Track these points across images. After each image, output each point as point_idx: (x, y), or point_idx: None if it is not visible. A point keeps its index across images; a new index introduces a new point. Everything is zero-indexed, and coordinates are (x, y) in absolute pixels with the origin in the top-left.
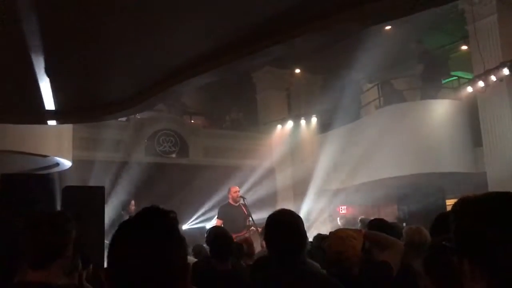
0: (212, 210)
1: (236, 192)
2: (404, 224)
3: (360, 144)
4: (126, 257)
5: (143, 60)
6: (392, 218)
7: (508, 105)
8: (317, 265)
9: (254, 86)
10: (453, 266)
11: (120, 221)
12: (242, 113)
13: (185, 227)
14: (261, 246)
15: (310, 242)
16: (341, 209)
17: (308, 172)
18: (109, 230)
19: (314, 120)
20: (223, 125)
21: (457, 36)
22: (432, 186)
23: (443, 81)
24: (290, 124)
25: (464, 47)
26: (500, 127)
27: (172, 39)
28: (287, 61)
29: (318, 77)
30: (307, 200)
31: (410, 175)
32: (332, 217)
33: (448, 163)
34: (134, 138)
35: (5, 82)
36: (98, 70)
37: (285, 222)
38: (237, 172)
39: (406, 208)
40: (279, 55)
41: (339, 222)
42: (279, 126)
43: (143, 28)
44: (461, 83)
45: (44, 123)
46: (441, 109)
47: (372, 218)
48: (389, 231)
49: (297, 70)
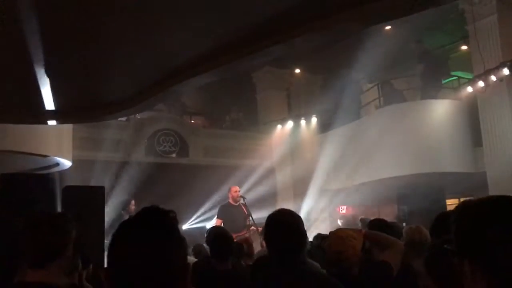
0: (212, 210)
1: (236, 192)
2: (404, 224)
3: (360, 144)
4: (126, 257)
5: (143, 60)
6: (392, 218)
7: (508, 105)
8: (317, 265)
9: (254, 86)
10: (454, 266)
11: (120, 221)
12: (242, 113)
13: (185, 227)
14: (261, 245)
15: (310, 242)
16: (341, 209)
17: (308, 172)
18: (109, 230)
19: (314, 120)
20: (223, 125)
21: (457, 36)
22: (432, 186)
23: (443, 81)
24: (290, 124)
25: (464, 47)
26: (500, 127)
27: (172, 39)
28: (287, 61)
29: (318, 77)
30: (307, 200)
31: (410, 175)
32: (332, 217)
33: (448, 163)
34: (134, 138)
35: (5, 82)
36: (98, 70)
37: (285, 222)
38: (237, 172)
39: (406, 208)
40: (279, 55)
41: (339, 222)
42: (279, 126)
43: (143, 28)
44: (461, 83)
45: (44, 123)
46: (441, 109)
47: (372, 218)
48: (389, 231)
49: (297, 70)
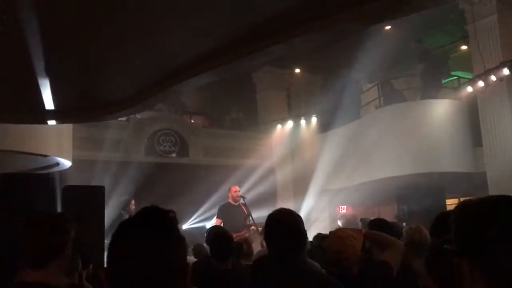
0: (212, 210)
1: (236, 191)
2: (404, 224)
3: (360, 144)
4: (126, 257)
5: (143, 60)
6: (392, 218)
7: (508, 105)
8: (317, 265)
9: (254, 86)
10: (454, 266)
11: (120, 221)
12: (242, 113)
13: (185, 226)
14: (261, 245)
15: (310, 241)
16: (341, 209)
17: (308, 172)
18: (109, 230)
19: (314, 120)
20: (223, 125)
21: (457, 36)
22: (432, 186)
23: (443, 81)
24: (290, 124)
25: (464, 47)
26: (500, 127)
27: (172, 39)
28: (287, 61)
29: (318, 77)
30: (307, 200)
31: (410, 175)
32: (332, 217)
33: (448, 163)
34: (134, 138)
35: (5, 82)
36: (98, 70)
37: (285, 221)
38: (237, 172)
39: (406, 208)
40: (279, 55)
41: (339, 222)
42: (279, 126)
43: (143, 28)
44: (461, 83)
45: (44, 123)
46: (441, 109)
47: (372, 218)
48: (389, 230)
49: (297, 70)
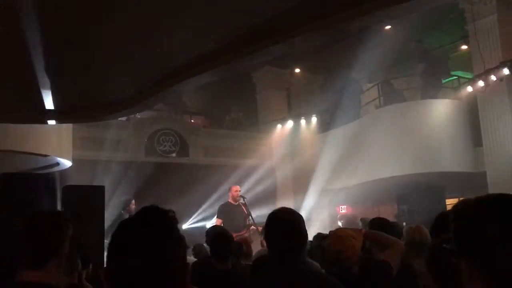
0: (212, 210)
1: (237, 191)
2: (404, 224)
3: (360, 144)
4: (126, 257)
5: (143, 60)
6: (392, 218)
7: (508, 105)
8: (317, 265)
9: (254, 86)
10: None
11: (120, 221)
12: (242, 113)
13: (185, 226)
14: (261, 245)
15: (310, 241)
16: (341, 209)
17: (308, 171)
18: (109, 229)
19: (314, 119)
20: (223, 125)
21: (457, 36)
22: (432, 185)
23: (443, 81)
24: (290, 123)
25: (464, 47)
26: (500, 126)
27: (172, 39)
28: (287, 60)
29: (318, 77)
30: (307, 200)
31: (410, 175)
32: (332, 217)
33: (448, 162)
34: (134, 138)
35: (5, 82)
36: (98, 70)
37: (286, 221)
38: (237, 171)
39: (406, 208)
40: (279, 55)
41: (339, 222)
42: (279, 126)
43: (143, 28)
44: (461, 83)
45: (44, 123)
46: (441, 109)
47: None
48: (389, 230)
49: (297, 70)
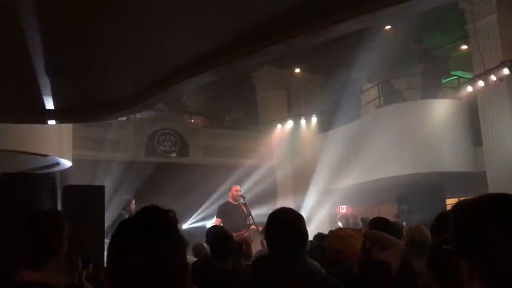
0: (212, 210)
1: (237, 191)
2: (404, 224)
3: (360, 144)
4: (126, 257)
5: (143, 60)
6: (392, 218)
7: (508, 105)
8: (317, 264)
9: (254, 85)
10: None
11: (120, 221)
12: (242, 113)
13: (185, 226)
14: (261, 245)
15: (310, 241)
16: (341, 209)
17: (308, 171)
18: (109, 230)
19: (314, 119)
20: (223, 125)
21: (457, 36)
22: (432, 185)
23: (443, 81)
24: (290, 123)
25: (464, 47)
26: (500, 127)
27: (172, 39)
28: (287, 60)
29: (318, 77)
30: (307, 200)
31: (410, 175)
32: (332, 217)
33: (448, 162)
34: (134, 138)
35: (5, 82)
36: (98, 70)
37: (286, 221)
38: (237, 171)
39: (406, 208)
40: (279, 54)
41: (339, 222)
42: (279, 126)
43: (143, 28)
44: (461, 83)
45: (44, 123)
46: (441, 109)
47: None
48: (390, 230)
49: (297, 70)
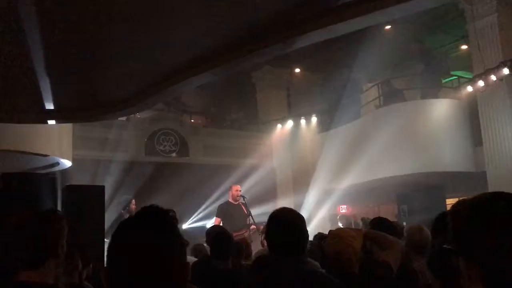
0: (212, 209)
1: (238, 190)
2: (404, 223)
3: (360, 144)
4: (126, 257)
5: (143, 60)
6: (392, 217)
7: (508, 104)
8: (317, 264)
9: (254, 85)
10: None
11: (120, 221)
12: (242, 112)
13: (185, 226)
14: (261, 244)
15: (310, 241)
16: (341, 209)
17: (308, 171)
18: (109, 229)
19: (314, 119)
20: (223, 124)
21: (457, 36)
22: (432, 185)
23: (443, 81)
24: (290, 123)
25: (464, 47)
26: (500, 126)
27: (172, 39)
28: (287, 60)
29: (318, 77)
30: (307, 199)
31: (410, 174)
32: (332, 217)
33: (448, 162)
34: (134, 138)
35: (5, 81)
36: (98, 70)
37: (287, 221)
38: (237, 171)
39: (406, 207)
40: (279, 54)
41: (339, 222)
42: (279, 125)
43: (143, 29)
44: (461, 83)
45: (44, 123)
46: (441, 109)
47: (372, 217)
48: (390, 230)
49: (297, 69)
